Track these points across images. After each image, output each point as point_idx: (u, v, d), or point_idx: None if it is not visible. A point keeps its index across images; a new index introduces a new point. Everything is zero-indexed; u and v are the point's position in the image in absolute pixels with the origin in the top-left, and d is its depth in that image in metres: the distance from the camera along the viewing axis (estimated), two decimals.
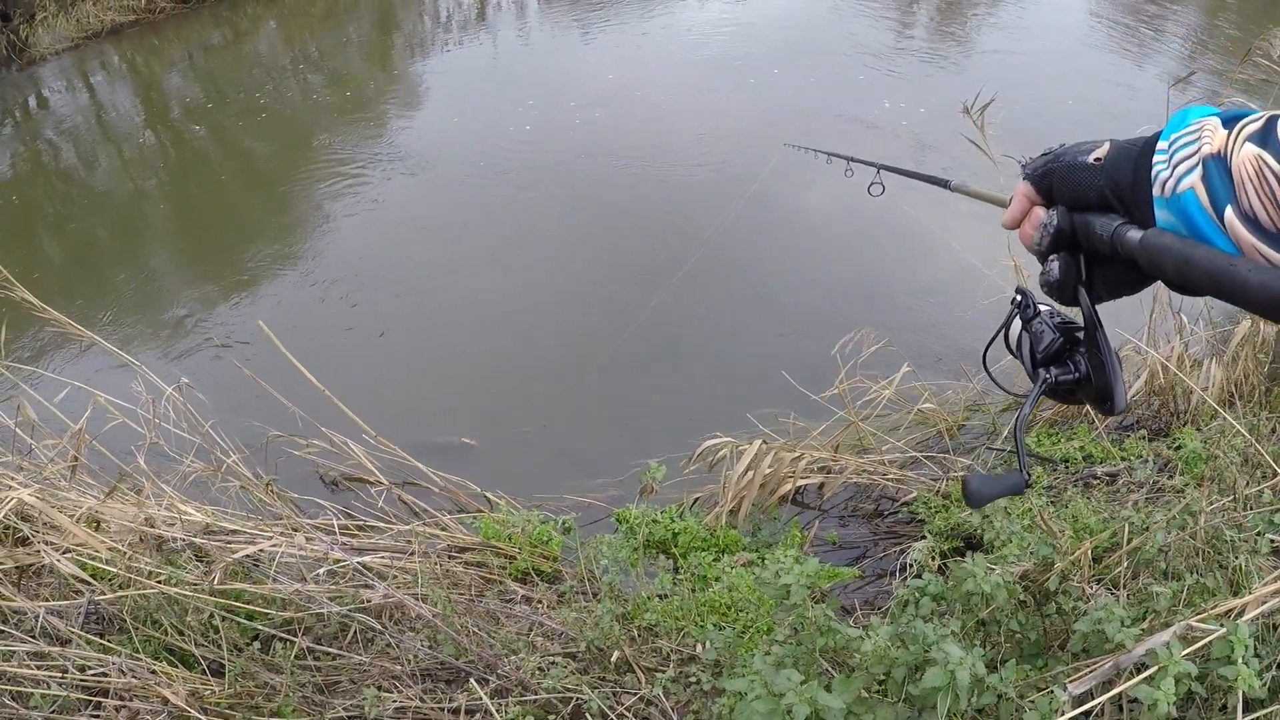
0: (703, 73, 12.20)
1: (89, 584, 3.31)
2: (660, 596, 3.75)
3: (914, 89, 11.36)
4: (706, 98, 11.31)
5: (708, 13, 14.79)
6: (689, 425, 5.57)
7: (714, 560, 4.16)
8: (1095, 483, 4.67)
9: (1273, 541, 3.37)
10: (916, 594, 3.60)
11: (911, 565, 4.09)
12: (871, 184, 3.14)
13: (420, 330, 7.31)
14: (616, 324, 7.22)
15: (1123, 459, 4.85)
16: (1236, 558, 3.26)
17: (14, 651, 3.05)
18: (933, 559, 4.07)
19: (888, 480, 4.96)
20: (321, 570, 3.51)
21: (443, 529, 4.28)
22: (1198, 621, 2.63)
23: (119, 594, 3.30)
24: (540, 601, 3.82)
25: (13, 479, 3.64)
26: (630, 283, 7.73)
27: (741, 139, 10.05)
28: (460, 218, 8.88)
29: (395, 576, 3.60)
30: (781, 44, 12.98)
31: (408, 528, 4.20)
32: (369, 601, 3.37)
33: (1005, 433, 5.45)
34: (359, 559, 3.54)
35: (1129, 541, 3.53)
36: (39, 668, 3.06)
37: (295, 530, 3.88)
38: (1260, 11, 16.88)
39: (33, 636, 3.14)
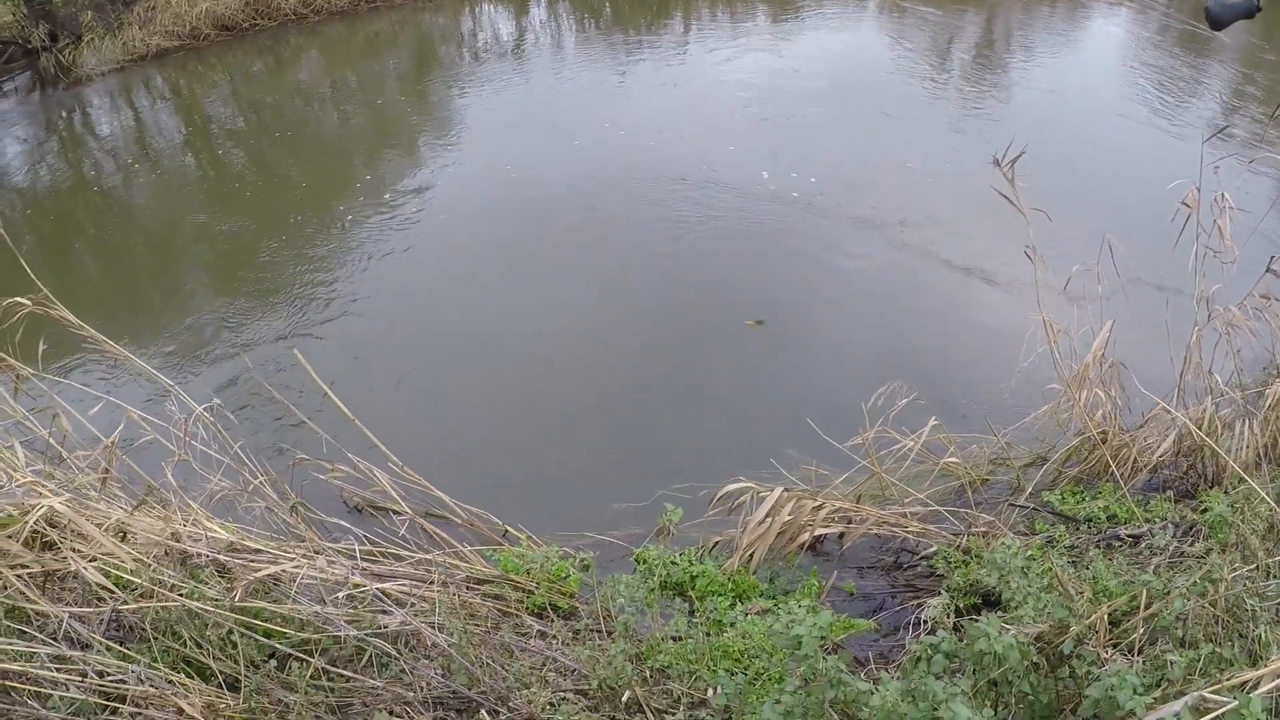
0: (736, 120, 12.28)
1: (112, 592, 3.34)
2: (674, 639, 3.75)
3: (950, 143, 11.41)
4: (746, 145, 11.36)
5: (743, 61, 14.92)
6: (712, 463, 5.59)
7: (730, 605, 4.16)
8: (1118, 544, 4.63)
9: None
10: (929, 650, 3.58)
11: (926, 621, 4.06)
12: None
13: (452, 364, 7.35)
14: (647, 362, 7.29)
15: (1147, 520, 4.82)
16: (1257, 627, 3.23)
17: (36, 653, 3.09)
18: (948, 616, 4.05)
19: (908, 533, 4.94)
20: (341, 594, 3.54)
21: (462, 560, 4.30)
22: (1211, 692, 2.61)
23: (141, 604, 3.34)
24: (555, 637, 3.84)
25: (45, 487, 3.68)
26: (664, 321, 7.80)
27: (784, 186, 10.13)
28: (491, 256, 8.94)
29: (413, 604, 3.62)
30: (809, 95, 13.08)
31: (428, 557, 4.22)
32: (386, 627, 3.39)
33: (1029, 489, 5.41)
34: (378, 585, 3.57)
35: (1147, 606, 3.49)
36: (59, 670, 3.10)
37: (317, 553, 3.91)
38: None
39: (55, 640, 3.18)
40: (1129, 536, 4.68)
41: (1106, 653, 3.41)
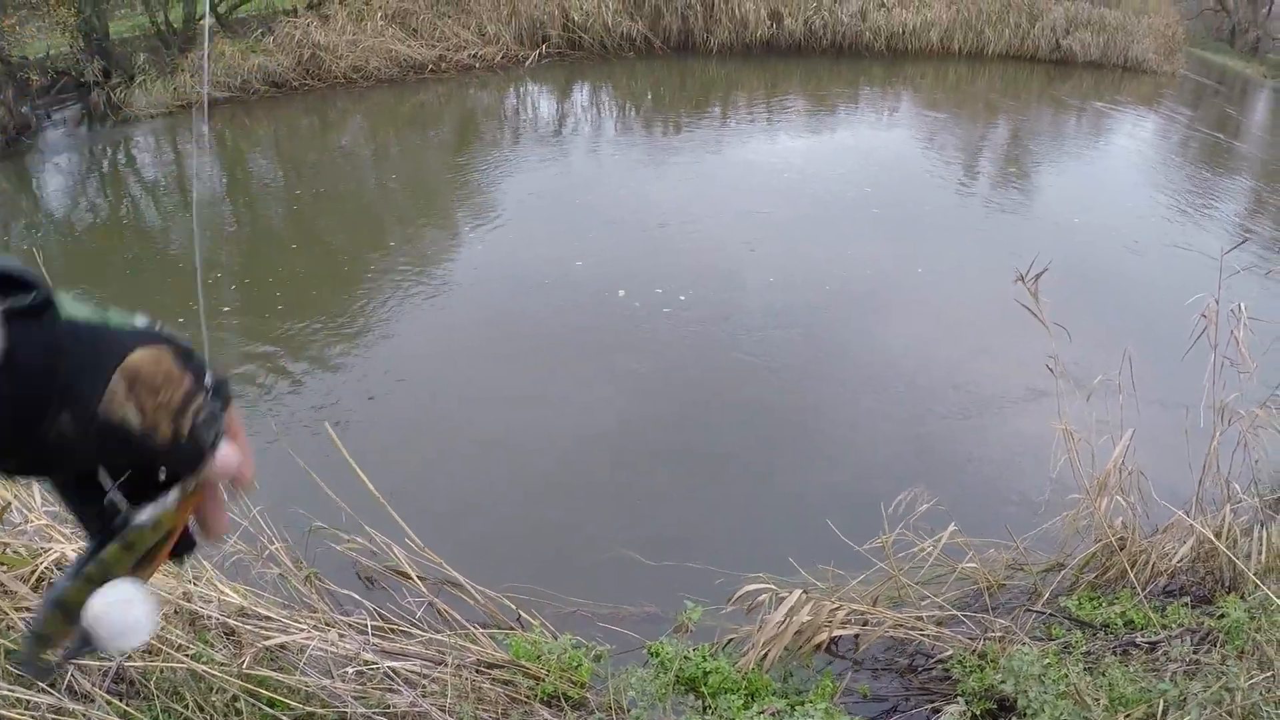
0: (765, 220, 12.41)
1: None
2: None
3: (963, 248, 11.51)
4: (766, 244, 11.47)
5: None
6: (730, 557, 5.56)
7: (743, 705, 4.10)
8: (1135, 650, 4.58)
9: None
10: None
11: None
12: None
13: (468, 442, 7.36)
14: (665, 457, 7.30)
15: (1164, 626, 4.77)
16: None
17: (35, 702, 3.05)
18: None
19: (924, 636, 4.89)
20: (350, 669, 3.51)
21: (474, 643, 4.26)
22: None
23: (147, 662, 3.31)
24: None
25: (58, 531, 3.69)
26: (684, 412, 7.82)
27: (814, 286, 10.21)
28: (516, 340, 8.97)
29: (424, 686, 3.58)
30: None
31: (439, 637, 4.19)
32: (394, 707, 3.36)
33: (1046, 594, 5.36)
34: (389, 663, 3.54)
35: (1164, 715, 3.47)
36: None
37: (329, 625, 3.89)
38: None
39: (55, 690, 3.15)
40: (1145, 643, 4.63)
41: None
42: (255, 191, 13.90)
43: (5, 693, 3.02)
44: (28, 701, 3.05)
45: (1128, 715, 3.58)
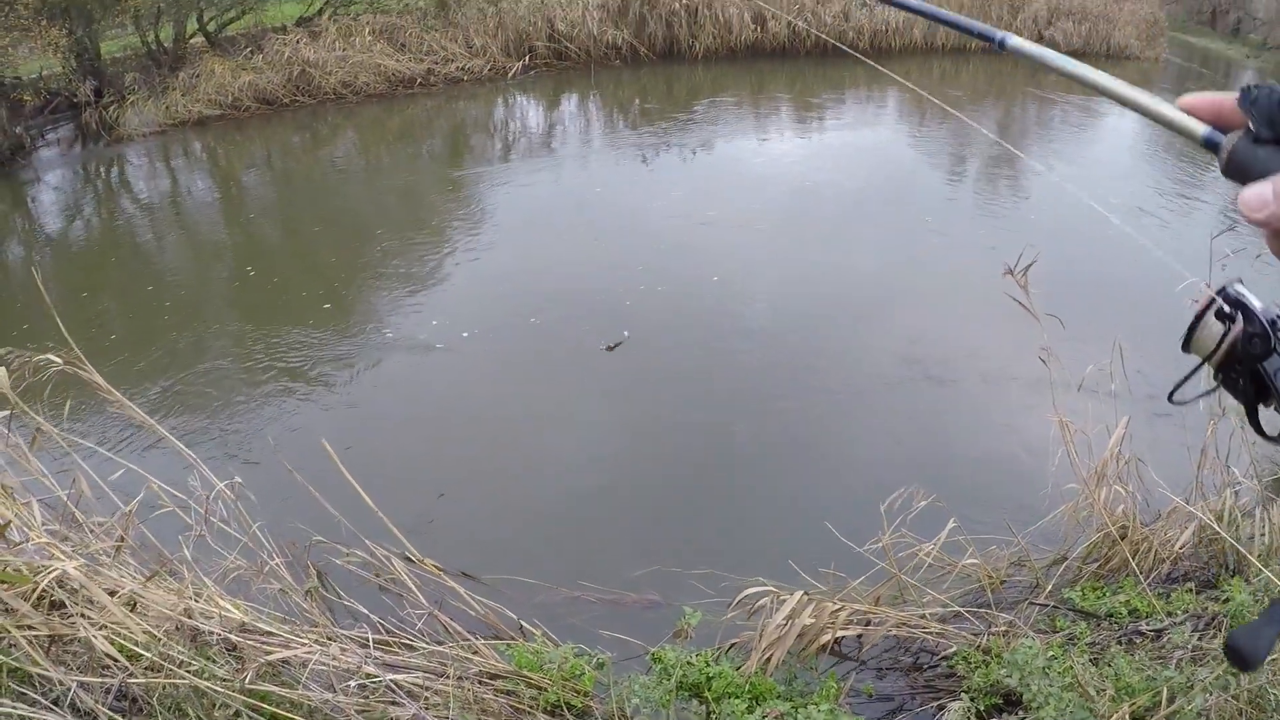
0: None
1: (120, 663, 3.30)
2: None
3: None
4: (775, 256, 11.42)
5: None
6: (730, 563, 5.54)
7: (747, 708, 4.08)
8: (1140, 639, 4.57)
9: None
10: None
11: None
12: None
13: (469, 463, 7.33)
14: (664, 463, 7.31)
15: (1169, 614, 4.76)
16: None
17: None
18: (969, 718, 3.99)
19: (928, 634, 4.87)
20: (352, 683, 3.49)
21: (476, 654, 4.24)
22: None
23: (149, 678, 3.30)
24: None
25: (59, 549, 3.67)
26: (682, 422, 7.79)
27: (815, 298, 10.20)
28: (509, 351, 8.95)
29: (426, 698, 3.57)
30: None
31: (441, 649, 4.17)
32: (397, 719, 3.35)
33: (1049, 587, 5.34)
34: (391, 676, 3.53)
35: (1170, 702, 3.47)
36: None
37: (330, 640, 3.87)
38: None
39: (58, 707, 3.14)
40: (1151, 631, 4.62)
41: None
42: (250, 208, 13.94)
43: (8, 710, 3.01)
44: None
45: (1134, 704, 3.57)
